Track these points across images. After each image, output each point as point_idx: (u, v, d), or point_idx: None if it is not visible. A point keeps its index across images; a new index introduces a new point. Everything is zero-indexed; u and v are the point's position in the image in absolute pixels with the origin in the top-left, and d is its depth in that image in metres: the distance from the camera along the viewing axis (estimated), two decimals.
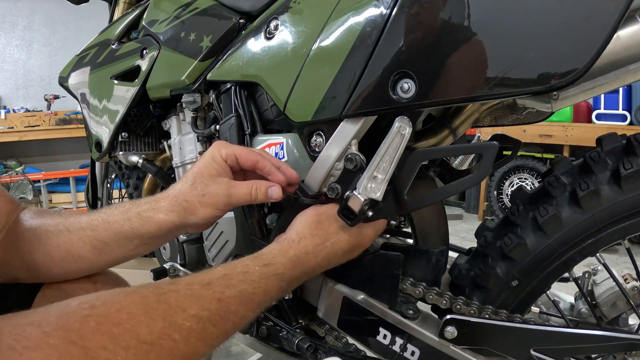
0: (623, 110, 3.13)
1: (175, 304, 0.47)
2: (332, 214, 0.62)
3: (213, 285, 0.52)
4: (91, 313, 0.43)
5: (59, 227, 0.64)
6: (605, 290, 0.80)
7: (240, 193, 0.63)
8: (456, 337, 0.63)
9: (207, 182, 0.63)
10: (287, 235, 0.63)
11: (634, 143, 0.60)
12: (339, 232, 0.62)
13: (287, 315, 0.78)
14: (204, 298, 0.50)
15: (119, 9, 1.37)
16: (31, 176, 4.15)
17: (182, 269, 1.08)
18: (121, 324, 0.43)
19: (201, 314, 0.48)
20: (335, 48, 0.63)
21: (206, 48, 0.88)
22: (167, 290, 0.49)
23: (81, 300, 0.45)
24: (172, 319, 0.46)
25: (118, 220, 0.64)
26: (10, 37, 4.82)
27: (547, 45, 0.49)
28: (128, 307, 0.45)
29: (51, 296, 0.66)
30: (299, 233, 0.62)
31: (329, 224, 0.62)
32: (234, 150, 0.65)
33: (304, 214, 0.64)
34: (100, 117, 1.18)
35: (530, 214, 0.66)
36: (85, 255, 0.63)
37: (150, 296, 0.47)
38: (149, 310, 0.45)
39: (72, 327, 0.41)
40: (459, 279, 0.72)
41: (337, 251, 0.63)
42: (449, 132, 0.78)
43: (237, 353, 1.68)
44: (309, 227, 0.62)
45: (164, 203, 0.64)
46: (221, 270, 0.55)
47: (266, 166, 0.65)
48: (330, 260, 0.63)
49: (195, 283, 0.51)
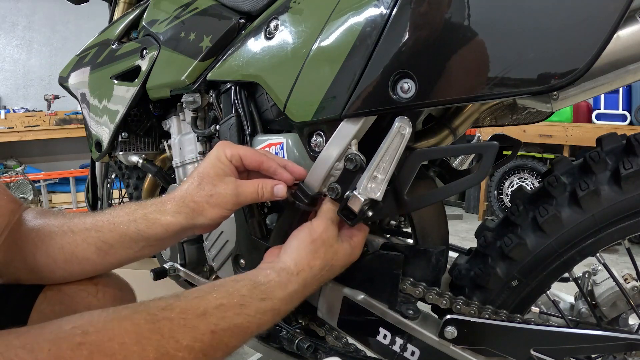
0: (623, 110, 3.13)
1: (168, 334, 0.47)
2: (327, 238, 0.61)
3: (208, 316, 0.51)
4: (84, 341, 0.42)
5: (63, 228, 0.63)
6: (605, 290, 0.80)
7: (247, 192, 0.63)
8: (456, 337, 0.63)
9: (215, 182, 0.63)
10: (285, 264, 0.60)
11: (634, 143, 0.60)
12: (334, 256, 0.62)
13: (287, 315, 0.78)
14: (197, 329, 0.49)
15: (119, 9, 1.37)
16: (31, 176, 4.15)
17: (182, 269, 1.08)
18: (113, 355, 0.43)
19: (193, 345, 0.48)
20: (335, 48, 0.63)
21: (206, 48, 0.88)
22: (160, 317, 0.48)
23: (74, 323, 0.44)
24: (165, 349, 0.46)
25: (123, 221, 0.63)
26: (10, 37, 4.82)
27: (547, 45, 0.49)
28: (120, 336, 0.44)
29: (53, 298, 0.66)
30: (297, 264, 0.60)
31: (325, 250, 0.61)
32: (238, 150, 0.65)
33: (298, 239, 0.62)
34: (100, 117, 1.18)
35: (530, 214, 0.65)
36: (89, 257, 0.63)
37: (143, 324, 0.46)
38: (142, 340, 0.45)
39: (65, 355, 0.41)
40: (459, 279, 0.72)
41: (332, 275, 0.64)
42: (449, 132, 0.78)
43: (237, 353, 1.68)
44: (307, 257, 0.60)
45: (170, 205, 0.63)
46: (217, 299, 0.53)
47: (272, 166, 0.65)
48: (324, 282, 0.64)
49: (190, 311, 0.50)
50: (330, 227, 0.62)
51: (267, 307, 0.56)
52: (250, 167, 0.66)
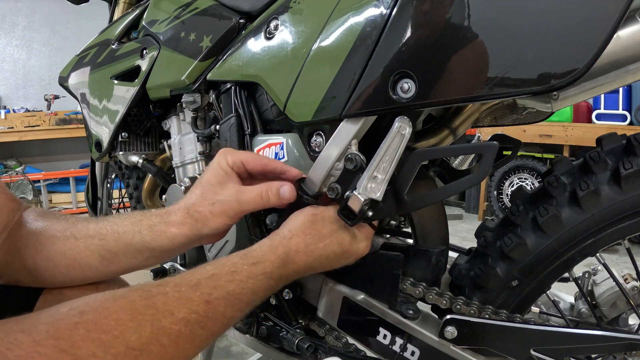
0: (623, 110, 3.13)
1: (163, 308, 0.47)
2: (328, 215, 0.62)
3: (201, 286, 0.51)
4: (80, 320, 0.43)
5: (65, 234, 0.63)
6: (605, 290, 0.80)
7: (250, 197, 0.62)
8: (456, 337, 0.63)
9: (216, 190, 0.62)
10: (280, 231, 0.62)
11: (634, 143, 0.60)
12: (332, 234, 0.62)
13: (287, 315, 0.78)
14: (191, 301, 0.50)
15: (119, 9, 1.37)
16: (31, 176, 4.15)
17: (182, 269, 1.08)
18: (110, 331, 0.43)
19: (189, 317, 0.48)
20: (335, 48, 0.63)
21: (206, 48, 0.88)
22: (155, 293, 0.48)
23: (71, 306, 0.45)
24: (160, 323, 0.46)
25: (128, 231, 0.63)
26: (10, 37, 4.83)
27: (547, 45, 0.49)
28: (116, 313, 0.45)
29: (52, 301, 0.65)
30: (291, 230, 0.61)
31: (323, 225, 0.62)
32: (239, 156, 0.65)
33: (299, 212, 0.64)
34: (100, 117, 1.18)
35: (530, 214, 0.65)
36: (92, 264, 0.63)
37: (138, 300, 0.47)
38: (137, 315, 0.46)
39: (62, 335, 0.41)
40: (459, 279, 0.72)
41: (330, 254, 0.62)
42: (449, 132, 0.78)
43: (237, 353, 1.68)
44: (302, 225, 0.61)
45: (175, 216, 0.63)
46: (209, 270, 0.54)
47: (277, 166, 0.65)
48: (322, 262, 0.62)
49: (183, 284, 0.51)
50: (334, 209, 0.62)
51: (259, 270, 0.56)
52: (253, 171, 0.65)
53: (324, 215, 0.62)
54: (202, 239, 0.64)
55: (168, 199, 1.04)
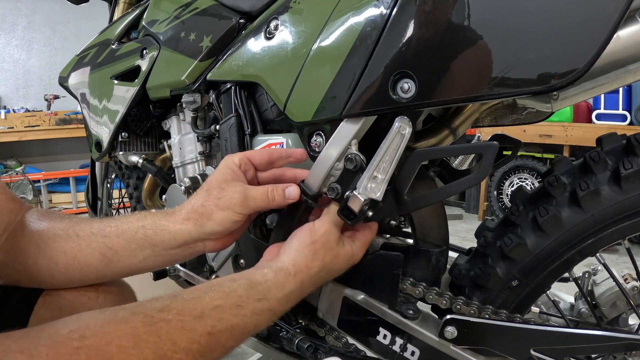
0: (623, 110, 3.13)
1: (166, 336, 0.47)
2: (327, 240, 0.61)
3: (205, 317, 0.51)
4: (81, 345, 0.43)
5: (68, 232, 0.63)
6: (605, 290, 0.80)
7: (256, 194, 0.63)
8: (456, 337, 0.63)
9: (223, 187, 0.63)
10: (283, 264, 0.60)
11: (634, 143, 0.60)
12: (334, 259, 0.62)
13: (287, 315, 0.78)
14: (194, 331, 0.49)
15: (119, 9, 1.37)
16: (31, 176, 4.15)
17: (182, 269, 1.08)
18: (111, 358, 0.43)
19: (191, 347, 0.48)
20: (335, 48, 0.63)
21: (206, 48, 0.88)
22: (157, 320, 0.48)
23: (71, 328, 0.44)
24: (162, 351, 0.46)
25: (132, 227, 0.63)
26: (10, 37, 4.82)
27: (547, 45, 0.49)
28: (118, 339, 0.44)
29: (52, 303, 0.65)
30: (295, 265, 0.60)
31: (325, 252, 0.61)
32: (245, 154, 0.66)
33: (298, 239, 0.62)
34: (100, 117, 1.18)
35: (530, 214, 0.65)
36: (92, 264, 0.62)
37: (140, 327, 0.47)
38: (139, 342, 0.45)
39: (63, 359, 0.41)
40: (459, 279, 0.72)
41: (331, 277, 0.64)
42: (449, 132, 0.78)
43: (237, 353, 1.68)
44: (305, 258, 0.60)
45: (180, 213, 0.63)
46: (214, 300, 0.53)
47: (281, 152, 0.66)
48: (322, 283, 0.64)
49: (187, 313, 0.50)
50: (333, 229, 0.62)
51: (264, 307, 0.56)
52: (261, 162, 0.66)
53: (324, 242, 0.61)
54: (207, 240, 0.64)
55: (168, 199, 1.04)
